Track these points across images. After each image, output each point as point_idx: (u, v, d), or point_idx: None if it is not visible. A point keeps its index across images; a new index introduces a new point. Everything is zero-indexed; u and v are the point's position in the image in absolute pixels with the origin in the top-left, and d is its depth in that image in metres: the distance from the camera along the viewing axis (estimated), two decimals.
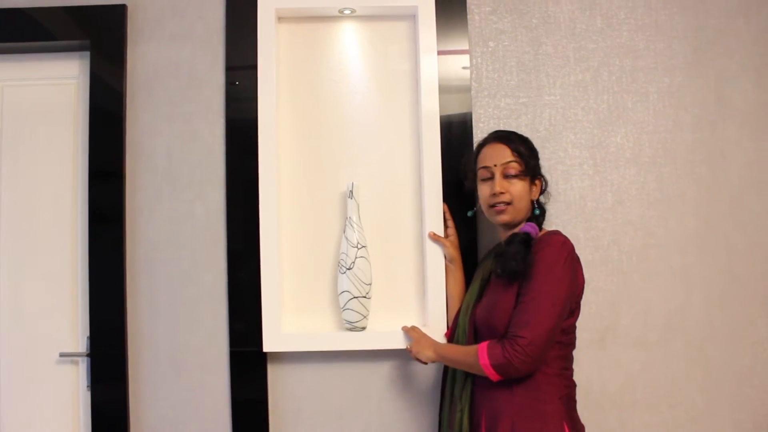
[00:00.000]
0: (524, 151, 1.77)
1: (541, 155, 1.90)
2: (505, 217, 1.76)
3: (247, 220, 2.01)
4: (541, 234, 1.74)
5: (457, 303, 1.93)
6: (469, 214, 1.93)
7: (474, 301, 1.80)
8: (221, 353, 2.05)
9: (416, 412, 2.05)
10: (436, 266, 1.98)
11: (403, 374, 2.05)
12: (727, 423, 2.13)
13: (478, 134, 2.07)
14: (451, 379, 1.82)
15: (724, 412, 2.13)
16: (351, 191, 1.97)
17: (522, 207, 1.76)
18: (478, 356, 1.60)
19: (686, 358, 2.12)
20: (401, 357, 2.04)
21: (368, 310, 1.97)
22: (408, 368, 2.05)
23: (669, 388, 2.11)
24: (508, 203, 1.74)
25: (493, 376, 1.60)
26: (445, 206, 1.98)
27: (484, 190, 1.79)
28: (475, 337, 1.75)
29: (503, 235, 1.83)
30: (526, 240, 1.69)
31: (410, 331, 1.91)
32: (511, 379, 1.60)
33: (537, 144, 1.89)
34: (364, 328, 1.98)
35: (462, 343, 1.78)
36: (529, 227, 1.73)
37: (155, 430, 2.05)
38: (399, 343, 1.97)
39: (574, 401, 1.71)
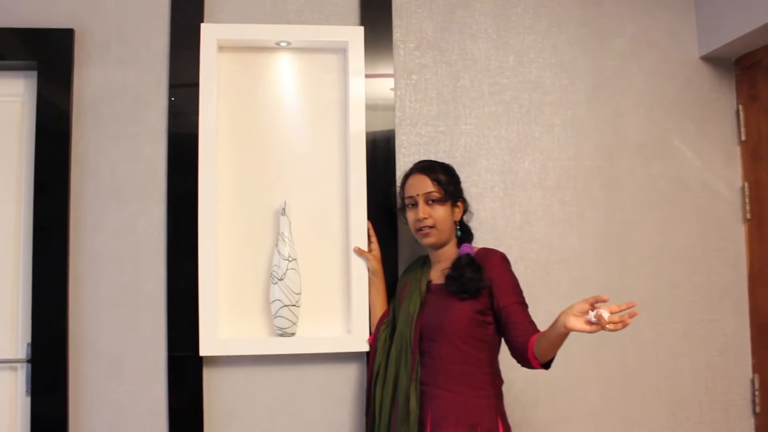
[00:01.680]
0: (444, 179, 1.97)
1: None
2: (430, 240, 1.96)
3: (186, 232, 2.11)
4: (476, 251, 1.96)
5: (379, 311, 2.11)
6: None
7: (417, 311, 1.96)
8: (160, 358, 2.13)
9: (340, 412, 2.19)
10: (360, 278, 2.14)
11: (328, 377, 2.19)
12: (618, 417, 2.36)
13: (401, 158, 2.25)
14: (392, 381, 1.96)
15: (616, 408, 2.36)
16: (284, 209, 2.12)
17: (445, 229, 1.96)
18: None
19: (583, 360, 2.34)
20: (327, 361, 2.18)
21: (297, 318, 2.11)
22: (333, 372, 2.19)
23: (568, 388, 2.32)
24: (432, 227, 1.95)
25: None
26: (369, 223, 2.16)
27: (410, 216, 2.00)
28: (420, 341, 1.92)
29: (431, 253, 2.04)
30: (472, 261, 1.89)
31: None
32: (456, 380, 1.82)
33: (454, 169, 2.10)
34: (293, 334, 2.12)
35: (406, 347, 1.93)
36: (467, 248, 1.95)
37: (96, 431, 2.10)
38: (326, 347, 2.13)
39: (502, 396, 1.93)
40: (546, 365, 1.79)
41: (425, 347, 1.91)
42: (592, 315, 1.60)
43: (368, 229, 2.16)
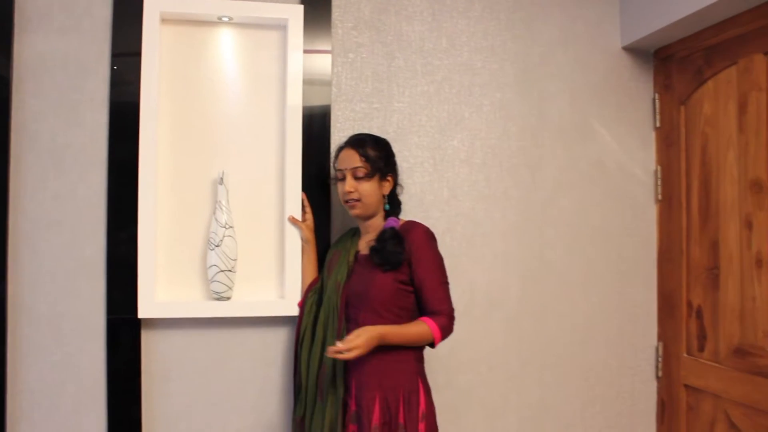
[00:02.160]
0: (373, 155, 2.05)
1: None
2: (356, 211, 2.07)
3: (126, 199, 2.15)
4: (401, 224, 2.05)
5: (309, 278, 2.22)
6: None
7: (344, 280, 2.06)
8: (99, 321, 2.17)
9: (271, 372, 2.28)
10: (294, 246, 2.23)
11: (262, 339, 2.28)
12: (534, 382, 2.53)
13: (336, 133, 2.34)
14: (319, 344, 2.07)
15: (533, 372, 2.53)
16: (221, 178, 2.19)
17: (371, 202, 2.06)
18: (433, 335, 1.93)
19: (504, 328, 2.50)
20: (261, 324, 2.27)
21: (233, 283, 2.20)
22: (267, 334, 2.28)
23: (489, 354, 2.48)
24: (358, 200, 2.05)
25: (437, 343, 1.97)
26: (304, 194, 2.25)
27: (339, 188, 2.10)
28: (346, 308, 2.04)
29: (360, 224, 2.15)
30: (396, 235, 1.99)
31: (348, 342, 1.82)
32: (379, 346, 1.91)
33: None
34: (229, 298, 2.20)
35: (333, 313, 2.04)
36: (393, 222, 2.05)
37: (34, 391, 2.13)
38: (259, 311, 2.22)
39: (423, 359, 2.06)
40: (431, 344, 1.98)
41: (351, 314, 2.03)
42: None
43: (303, 200, 2.24)
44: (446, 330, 1.96)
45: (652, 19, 2.47)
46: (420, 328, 1.94)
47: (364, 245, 2.11)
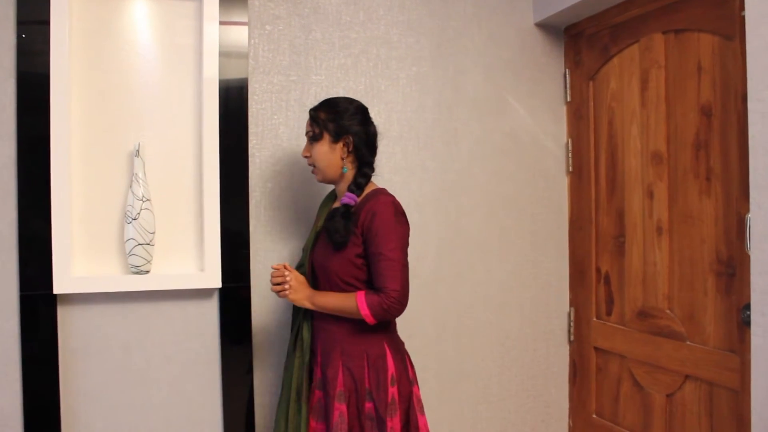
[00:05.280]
0: (323, 117, 1.99)
1: (302, 128, 2.22)
2: (317, 177, 2.07)
3: (38, 173, 2.09)
4: (367, 191, 1.99)
5: None
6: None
7: (311, 246, 2.05)
8: (11, 297, 2.10)
9: (195, 345, 2.27)
10: (212, 219, 2.23)
11: (183, 313, 2.26)
12: (452, 347, 2.62)
13: (253, 105, 2.34)
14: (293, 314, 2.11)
15: (450, 338, 2.62)
16: (137, 150, 2.16)
17: (323, 167, 2.00)
18: (359, 308, 1.86)
19: (421, 297, 2.57)
20: (182, 297, 2.25)
21: (152, 256, 2.18)
22: (188, 308, 2.26)
23: (407, 321, 2.48)
24: (313, 165, 2.04)
25: (372, 321, 1.88)
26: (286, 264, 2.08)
27: None
28: (312, 274, 2.04)
29: (335, 189, 2.13)
30: (346, 213, 1.92)
31: (291, 272, 1.98)
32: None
33: (299, 118, 2.22)
34: (148, 272, 2.18)
35: (306, 276, 2.03)
36: (348, 198, 1.94)
37: None
38: (179, 284, 2.20)
39: (394, 324, 2.06)
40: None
41: (317, 283, 2.03)
42: None
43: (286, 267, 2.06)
44: (378, 309, 1.86)
45: None
46: (347, 302, 1.90)
47: None
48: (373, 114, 2.42)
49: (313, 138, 2.00)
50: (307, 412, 1.98)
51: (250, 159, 2.33)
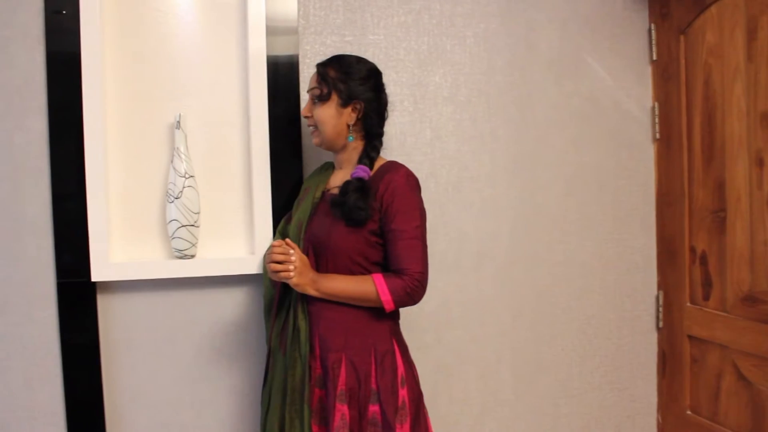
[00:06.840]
0: (333, 75, 1.79)
1: None
2: (315, 141, 1.85)
3: (71, 149, 1.94)
4: (380, 164, 1.80)
5: None
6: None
7: (307, 220, 1.82)
8: (48, 286, 1.98)
9: (244, 335, 2.11)
10: (263, 196, 2.02)
11: (232, 300, 2.10)
12: (529, 337, 2.39)
13: (304, 69, 2.13)
14: (279, 301, 1.86)
15: (526, 326, 2.39)
16: (178, 122, 1.97)
17: (326, 130, 1.80)
18: (379, 293, 1.67)
19: (495, 280, 2.34)
20: (230, 283, 2.09)
21: (197, 238, 2.00)
22: (237, 294, 2.10)
23: (480, 308, 2.32)
24: (315, 127, 1.83)
25: (391, 308, 1.69)
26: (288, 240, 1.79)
27: None
28: (308, 251, 1.78)
29: (334, 157, 1.92)
30: (361, 187, 1.71)
31: (296, 250, 1.72)
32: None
33: None
34: (193, 256, 2.01)
35: None
36: (361, 171, 1.75)
37: None
38: (228, 269, 2.02)
39: (399, 318, 1.84)
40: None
41: (314, 261, 1.78)
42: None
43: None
44: (401, 294, 1.67)
45: None
46: (362, 286, 1.69)
47: (337, 181, 1.85)
48: (437, 77, 2.25)
49: (320, 98, 1.79)
50: (310, 415, 1.72)
51: (302, 131, 2.12)
